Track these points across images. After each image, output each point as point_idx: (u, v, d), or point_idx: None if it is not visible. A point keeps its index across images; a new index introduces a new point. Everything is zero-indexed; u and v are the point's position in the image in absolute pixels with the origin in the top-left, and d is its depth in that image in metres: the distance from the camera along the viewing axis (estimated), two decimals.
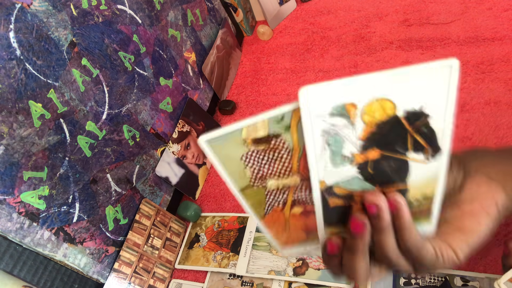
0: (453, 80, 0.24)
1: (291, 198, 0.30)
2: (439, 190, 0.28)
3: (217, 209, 0.76)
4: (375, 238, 0.28)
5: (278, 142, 0.27)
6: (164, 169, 0.73)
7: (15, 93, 0.48)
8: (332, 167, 0.27)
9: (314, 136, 0.26)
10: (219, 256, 0.68)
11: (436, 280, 0.54)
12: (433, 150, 0.26)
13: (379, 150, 0.26)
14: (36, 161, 0.51)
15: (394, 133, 0.26)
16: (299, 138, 0.27)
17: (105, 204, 0.61)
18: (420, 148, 0.26)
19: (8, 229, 0.47)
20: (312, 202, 0.30)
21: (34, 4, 0.52)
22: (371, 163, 0.27)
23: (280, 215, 0.31)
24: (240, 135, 0.27)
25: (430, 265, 0.29)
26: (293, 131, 0.27)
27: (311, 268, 0.61)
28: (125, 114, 0.66)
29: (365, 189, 0.28)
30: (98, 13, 0.62)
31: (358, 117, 0.25)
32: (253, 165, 0.28)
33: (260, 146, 0.27)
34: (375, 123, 0.25)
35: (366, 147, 0.26)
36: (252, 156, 0.28)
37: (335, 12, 1.04)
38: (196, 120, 0.83)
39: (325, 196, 0.29)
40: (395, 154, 0.27)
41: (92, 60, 0.60)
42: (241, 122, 0.26)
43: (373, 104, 0.25)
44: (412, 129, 0.26)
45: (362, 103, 0.25)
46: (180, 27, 0.84)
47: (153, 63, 0.74)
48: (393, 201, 0.27)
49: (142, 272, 0.65)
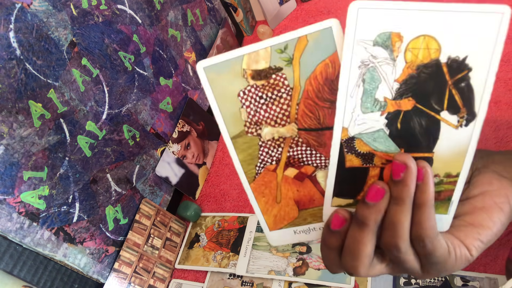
0: (503, 29, 0.23)
1: (285, 153, 0.28)
2: (465, 170, 0.26)
3: (217, 209, 0.76)
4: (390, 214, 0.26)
5: (279, 78, 0.26)
6: (164, 169, 0.73)
7: (15, 93, 0.48)
8: (360, 111, 0.25)
9: (352, 64, 0.24)
10: (219, 256, 0.68)
11: (436, 280, 0.54)
12: (468, 113, 0.25)
13: (413, 100, 0.25)
14: (36, 161, 0.51)
15: (433, 83, 0.25)
16: (302, 74, 0.25)
17: (105, 204, 0.61)
18: (456, 108, 0.25)
19: (8, 229, 0.47)
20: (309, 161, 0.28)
21: (34, 4, 0.52)
22: (401, 117, 0.25)
23: (272, 178, 0.28)
24: (240, 63, 0.25)
25: (441, 261, 0.27)
26: (296, 65, 0.25)
27: (311, 268, 0.61)
28: (125, 114, 0.66)
29: (388, 150, 0.26)
30: (98, 13, 0.62)
31: (401, 52, 0.24)
32: (250, 105, 0.26)
33: (259, 80, 0.26)
34: (416, 64, 0.24)
35: (402, 93, 0.25)
36: (250, 93, 0.26)
37: (335, 12, 1.04)
38: (196, 120, 0.83)
39: (343, 150, 0.27)
40: (429, 109, 0.25)
41: (92, 60, 0.60)
42: (243, 48, 0.25)
43: (419, 40, 0.24)
44: (451, 82, 0.25)
45: (409, 36, 0.24)
46: (180, 27, 0.84)
47: (153, 63, 0.74)
48: (421, 167, 0.25)
49: (142, 272, 0.65)
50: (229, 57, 0.25)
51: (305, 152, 0.28)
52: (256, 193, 0.29)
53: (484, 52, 0.24)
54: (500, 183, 0.30)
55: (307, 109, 0.27)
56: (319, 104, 0.27)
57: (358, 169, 0.27)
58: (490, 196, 0.29)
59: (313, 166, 0.28)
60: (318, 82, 0.26)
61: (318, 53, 0.25)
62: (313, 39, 0.25)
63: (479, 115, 0.25)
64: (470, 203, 0.30)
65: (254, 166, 0.28)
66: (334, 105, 0.26)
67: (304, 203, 0.29)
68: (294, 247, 0.64)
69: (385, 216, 0.26)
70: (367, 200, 0.26)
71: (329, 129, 0.27)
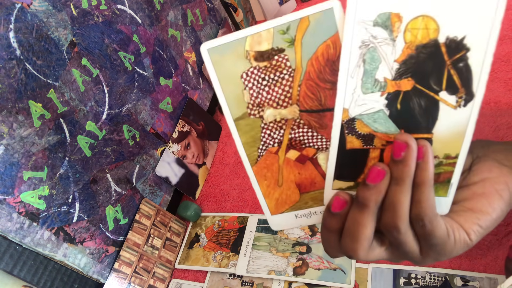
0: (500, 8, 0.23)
1: (287, 135, 0.28)
2: (464, 151, 0.27)
3: (217, 209, 0.76)
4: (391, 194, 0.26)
5: (281, 59, 0.26)
6: (164, 169, 0.73)
7: (15, 93, 0.48)
8: (361, 92, 0.26)
9: (353, 44, 0.25)
10: (219, 256, 0.68)
11: (436, 280, 0.54)
12: (466, 94, 0.25)
13: (413, 80, 0.25)
14: (36, 161, 0.51)
15: (431, 63, 0.25)
16: (303, 56, 0.26)
17: (105, 204, 0.61)
18: (454, 88, 0.25)
19: (8, 229, 0.47)
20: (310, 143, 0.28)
21: (34, 4, 0.52)
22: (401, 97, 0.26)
23: (274, 161, 0.29)
24: (243, 45, 0.26)
25: (440, 242, 0.27)
26: (297, 46, 0.26)
27: (311, 268, 0.61)
28: (125, 114, 0.66)
29: (388, 131, 0.27)
30: (98, 13, 0.62)
31: (401, 32, 0.24)
32: (253, 87, 0.27)
33: (262, 62, 0.26)
34: (415, 44, 0.25)
35: (401, 73, 0.25)
36: (253, 75, 0.27)
37: None
38: (196, 120, 0.83)
39: (344, 131, 0.27)
40: (428, 89, 0.26)
41: (92, 60, 0.60)
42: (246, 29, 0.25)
43: (418, 20, 0.24)
44: (449, 61, 0.25)
45: (408, 16, 0.24)
46: (180, 27, 0.84)
47: (153, 63, 0.74)
48: (422, 146, 0.25)
49: (142, 272, 0.65)
50: (232, 38, 0.25)
51: (307, 134, 0.28)
52: (258, 176, 0.29)
53: (482, 32, 0.24)
54: (500, 170, 0.30)
55: (309, 91, 0.27)
56: (320, 85, 0.27)
57: (359, 151, 0.27)
58: (490, 183, 0.29)
59: (315, 148, 0.29)
60: (320, 63, 0.26)
61: (319, 34, 0.25)
62: (315, 19, 0.25)
63: (477, 95, 0.25)
64: (470, 189, 0.30)
65: (256, 149, 0.29)
66: (335, 86, 0.26)
67: (305, 186, 0.30)
68: (294, 247, 0.64)
69: (385, 198, 0.26)
70: (367, 181, 0.26)
71: (330, 110, 0.27)
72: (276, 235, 0.67)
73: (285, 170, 0.29)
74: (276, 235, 0.67)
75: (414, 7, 0.24)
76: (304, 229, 0.66)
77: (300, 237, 0.65)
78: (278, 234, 0.67)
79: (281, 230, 0.29)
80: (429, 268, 0.56)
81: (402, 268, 0.57)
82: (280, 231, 0.67)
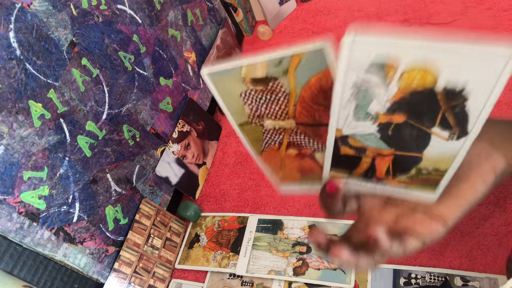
0: (507, 72, 0.22)
1: (286, 139, 0.31)
2: (453, 168, 0.27)
3: (217, 209, 0.76)
4: None
5: (276, 85, 0.27)
6: (164, 169, 0.73)
7: (15, 93, 0.48)
8: (353, 119, 0.26)
9: (345, 86, 0.25)
10: (219, 256, 0.68)
11: (436, 280, 0.54)
12: (460, 132, 0.25)
13: (405, 116, 0.25)
14: (36, 161, 0.51)
15: (426, 105, 0.25)
16: (296, 84, 0.27)
17: (105, 204, 0.61)
18: (448, 126, 0.25)
19: (8, 229, 0.47)
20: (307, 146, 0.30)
21: (34, 4, 0.52)
22: (393, 127, 0.26)
23: (276, 154, 0.32)
24: (239, 73, 0.27)
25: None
26: (291, 76, 0.27)
27: (311, 268, 0.61)
28: (125, 114, 0.66)
29: (379, 147, 0.28)
30: (98, 13, 0.62)
31: (394, 80, 0.24)
32: (251, 103, 0.29)
33: (258, 86, 0.28)
34: (410, 90, 0.24)
35: (394, 110, 0.25)
36: (250, 95, 0.28)
37: (335, 12, 1.04)
38: (196, 120, 0.83)
39: (338, 143, 0.28)
40: (420, 124, 0.26)
41: (92, 60, 0.60)
42: (241, 60, 0.27)
43: (414, 71, 0.23)
44: (446, 107, 0.24)
45: (404, 67, 0.23)
46: (180, 27, 0.84)
47: (153, 63, 0.74)
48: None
49: (142, 272, 0.65)
50: (228, 67, 0.27)
51: (304, 140, 0.30)
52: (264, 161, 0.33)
53: (483, 87, 0.23)
54: (489, 153, 0.30)
55: (304, 110, 0.28)
56: (314, 107, 0.28)
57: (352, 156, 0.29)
58: (475, 167, 0.30)
59: (312, 150, 0.31)
60: (313, 91, 0.27)
61: (311, 69, 0.26)
62: (306, 57, 0.26)
63: (472, 132, 0.25)
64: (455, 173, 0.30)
65: (260, 145, 0.32)
66: (329, 107, 0.27)
67: (305, 171, 0.33)
68: (294, 247, 0.64)
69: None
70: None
71: (325, 125, 0.28)
72: (276, 235, 0.67)
73: (287, 162, 0.32)
74: (276, 235, 0.67)
75: (410, 58, 0.23)
76: (304, 229, 0.66)
77: (300, 237, 0.65)
78: (278, 234, 0.67)
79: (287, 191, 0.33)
80: (429, 268, 0.56)
81: (402, 268, 0.57)
82: (280, 232, 0.67)
